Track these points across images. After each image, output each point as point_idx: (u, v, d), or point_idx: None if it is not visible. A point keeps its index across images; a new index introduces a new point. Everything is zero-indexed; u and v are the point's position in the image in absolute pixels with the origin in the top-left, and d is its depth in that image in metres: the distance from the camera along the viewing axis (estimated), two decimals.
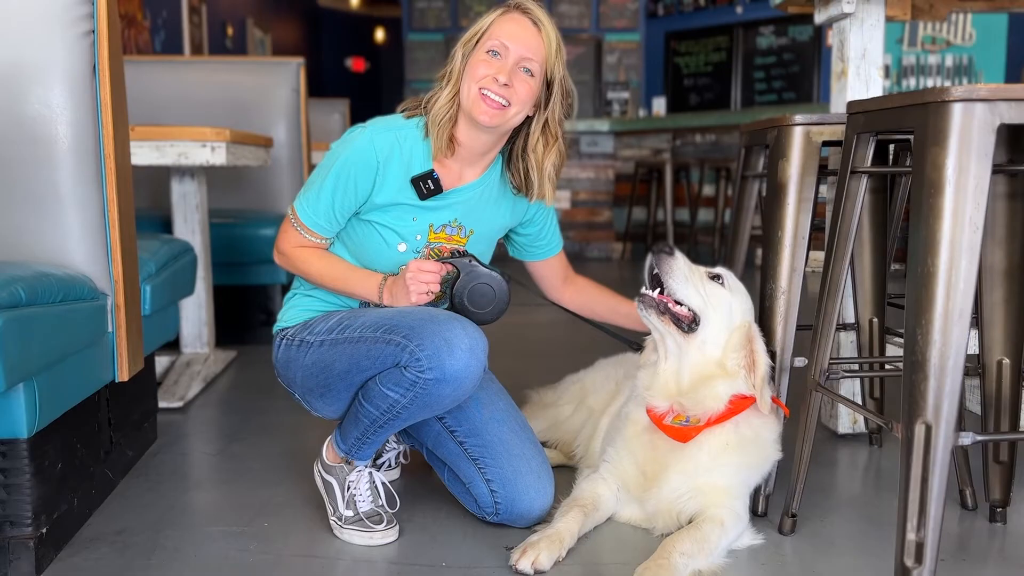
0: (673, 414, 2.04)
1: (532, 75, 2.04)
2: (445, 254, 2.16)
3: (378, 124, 2.11)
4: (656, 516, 2.06)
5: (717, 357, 2.04)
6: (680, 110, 10.70)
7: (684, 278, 2.03)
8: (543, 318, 2.43)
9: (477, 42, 2.07)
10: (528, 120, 2.12)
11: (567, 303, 2.47)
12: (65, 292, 1.93)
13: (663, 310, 2.02)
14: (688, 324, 2.03)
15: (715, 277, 2.09)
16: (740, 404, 2.03)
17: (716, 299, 2.05)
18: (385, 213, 2.11)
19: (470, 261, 2.10)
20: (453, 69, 2.08)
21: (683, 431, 2.01)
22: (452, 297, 2.09)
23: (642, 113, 10.70)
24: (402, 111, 2.17)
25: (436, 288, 2.05)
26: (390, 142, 2.07)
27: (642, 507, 2.10)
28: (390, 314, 2.02)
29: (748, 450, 2.05)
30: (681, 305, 2.03)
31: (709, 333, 2.04)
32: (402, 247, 2.13)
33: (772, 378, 2.21)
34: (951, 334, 1.59)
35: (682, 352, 2.04)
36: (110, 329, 2.19)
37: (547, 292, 2.48)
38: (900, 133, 2.03)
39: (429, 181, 2.08)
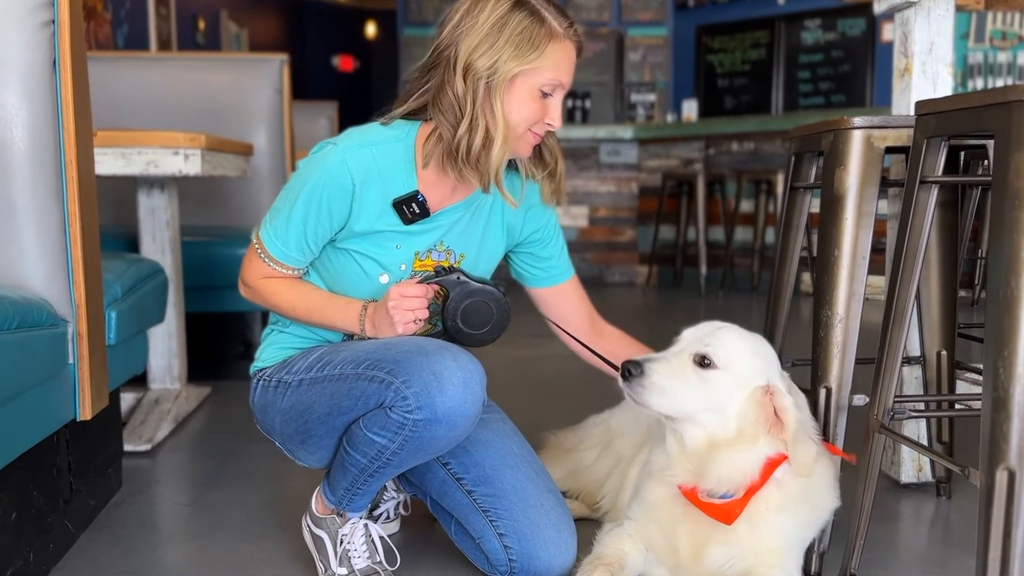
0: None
1: None
2: (429, 271, 2.13)
3: (351, 139, 2.08)
4: None
5: (727, 433, 1.94)
6: (714, 114, 10.73)
7: (659, 390, 1.93)
8: (560, 349, 2.42)
9: (515, 76, 1.99)
10: None
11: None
12: (21, 317, 1.93)
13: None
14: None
15: (702, 360, 1.94)
16: (775, 462, 1.95)
17: (695, 396, 1.94)
18: (364, 240, 2.10)
19: (458, 277, 2.06)
20: (474, 100, 1.98)
21: (725, 510, 1.91)
22: (444, 320, 2.07)
23: (670, 118, 10.72)
24: (382, 114, 2.15)
25: (424, 314, 2.02)
26: (366, 161, 2.04)
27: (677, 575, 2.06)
28: (373, 347, 2.01)
29: (797, 507, 1.99)
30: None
31: (703, 420, 1.94)
32: (384, 278, 2.12)
33: (824, 424, 2.21)
34: None
35: (685, 434, 1.97)
36: (71, 360, 2.19)
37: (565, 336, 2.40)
38: (976, 137, 2.03)
39: (414, 204, 2.06)
